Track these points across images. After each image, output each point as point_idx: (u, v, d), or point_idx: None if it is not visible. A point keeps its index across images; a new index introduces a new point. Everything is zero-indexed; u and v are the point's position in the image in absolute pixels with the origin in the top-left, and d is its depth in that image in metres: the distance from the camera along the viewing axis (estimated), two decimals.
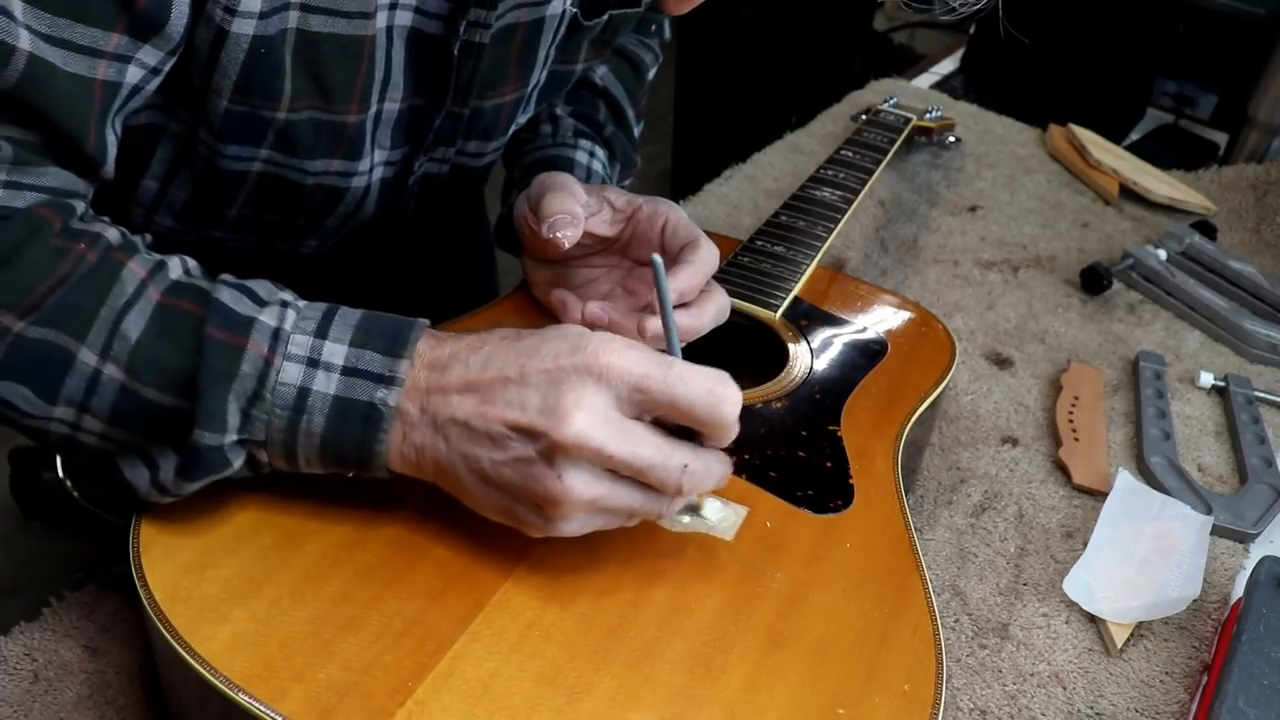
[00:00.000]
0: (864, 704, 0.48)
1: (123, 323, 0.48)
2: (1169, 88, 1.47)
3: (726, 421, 0.50)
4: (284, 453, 0.50)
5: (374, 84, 0.62)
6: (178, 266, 0.52)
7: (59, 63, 0.47)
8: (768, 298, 0.76)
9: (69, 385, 0.48)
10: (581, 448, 0.47)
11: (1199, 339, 0.98)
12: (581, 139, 0.81)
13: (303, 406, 0.49)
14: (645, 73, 0.89)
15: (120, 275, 0.49)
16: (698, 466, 0.50)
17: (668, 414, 0.50)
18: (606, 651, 0.49)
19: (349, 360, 0.49)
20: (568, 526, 0.50)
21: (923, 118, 1.19)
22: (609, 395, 0.48)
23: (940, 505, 0.75)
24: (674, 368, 0.49)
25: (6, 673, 0.55)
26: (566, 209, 0.66)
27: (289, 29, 0.56)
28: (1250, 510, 0.76)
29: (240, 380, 0.48)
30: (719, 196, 1.13)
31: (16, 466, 1.65)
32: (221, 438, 0.48)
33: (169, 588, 0.48)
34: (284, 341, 0.49)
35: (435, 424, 0.49)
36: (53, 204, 0.49)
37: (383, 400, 0.49)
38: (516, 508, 0.50)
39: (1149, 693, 0.63)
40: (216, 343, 0.48)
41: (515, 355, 0.49)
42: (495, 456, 0.49)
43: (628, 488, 0.49)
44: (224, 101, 0.58)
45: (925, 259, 1.05)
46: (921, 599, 0.54)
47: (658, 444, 0.49)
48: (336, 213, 0.70)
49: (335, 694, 0.45)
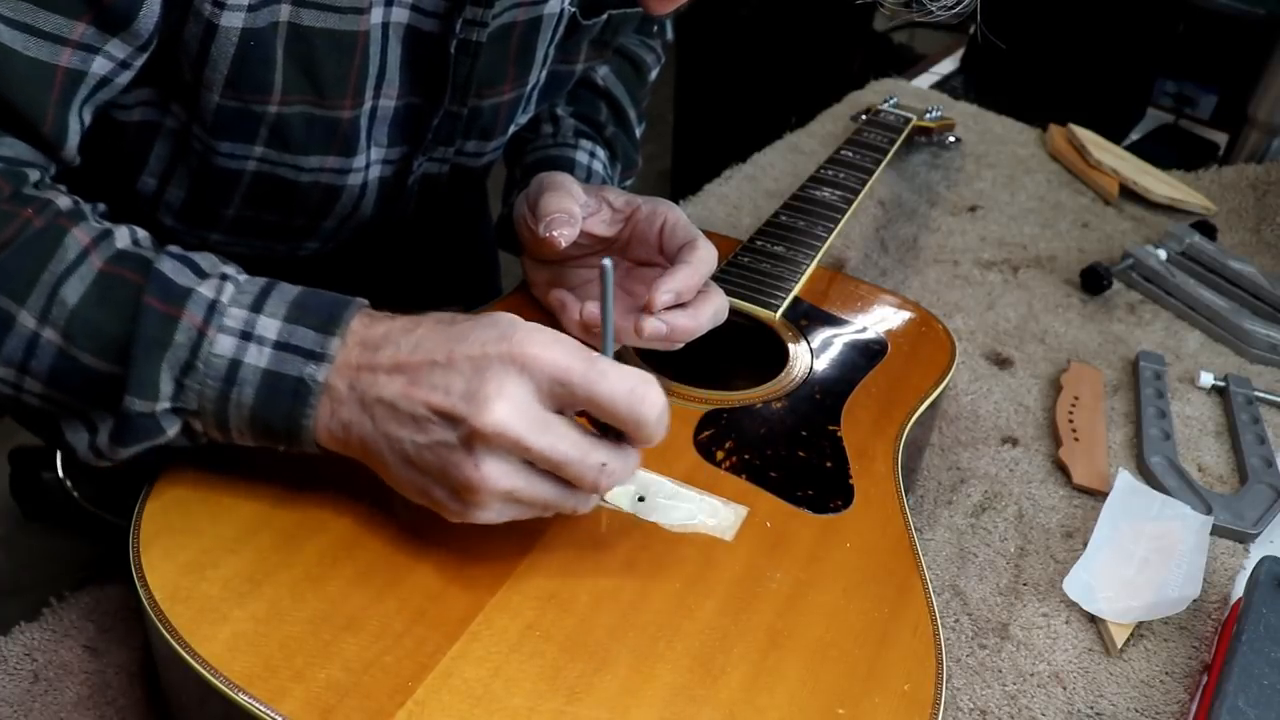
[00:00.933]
0: (864, 704, 0.48)
1: (62, 288, 0.49)
2: (1169, 88, 1.47)
3: (646, 420, 0.49)
4: (216, 423, 0.51)
5: (368, 80, 0.62)
6: (125, 236, 0.52)
7: (18, 47, 0.48)
8: (768, 298, 0.76)
9: (9, 346, 0.49)
10: (500, 436, 0.47)
11: (1199, 339, 0.98)
12: (582, 139, 0.81)
13: (234, 378, 0.49)
14: (647, 73, 0.89)
15: (64, 241, 0.50)
16: (616, 465, 0.50)
17: (589, 409, 0.50)
18: (606, 652, 0.49)
19: (281, 335, 0.50)
20: (483, 515, 0.50)
21: (923, 118, 1.19)
22: (530, 386, 0.48)
23: (940, 505, 0.75)
24: (597, 364, 0.49)
25: (6, 673, 0.55)
26: (564, 208, 0.66)
27: (280, 22, 0.56)
28: (1250, 510, 0.76)
29: (174, 350, 0.49)
30: (719, 196, 1.13)
31: (16, 466, 1.65)
32: (153, 405, 0.49)
33: (169, 588, 0.48)
34: (219, 313, 0.50)
35: (363, 402, 0.49)
36: (4, 171, 0.50)
37: (311, 376, 0.49)
38: (435, 491, 0.50)
39: (1149, 693, 0.63)
40: (152, 311, 0.49)
41: (445, 339, 0.49)
42: (417, 439, 0.49)
43: (545, 481, 0.49)
44: (215, 97, 0.58)
45: (925, 259, 1.05)
46: (921, 599, 0.54)
47: (576, 440, 0.49)
48: (334, 213, 0.70)
49: (335, 694, 0.45)
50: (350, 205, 0.70)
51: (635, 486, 0.58)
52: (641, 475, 0.59)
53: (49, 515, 1.66)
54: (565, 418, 0.49)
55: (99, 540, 0.91)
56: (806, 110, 1.32)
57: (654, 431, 0.50)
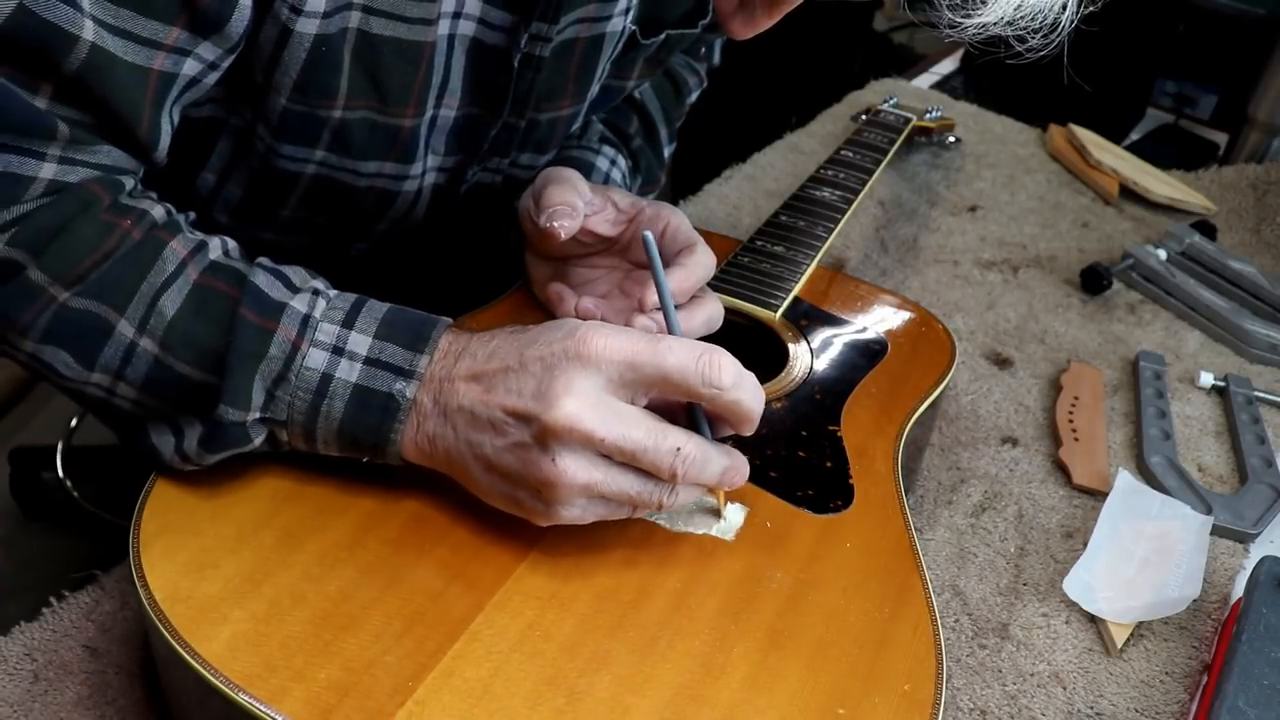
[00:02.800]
0: (864, 704, 0.48)
1: (161, 299, 0.50)
2: (1169, 88, 1.47)
3: (721, 384, 0.50)
4: (304, 433, 0.52)
5: (431, 89, 0.62)
6: (218, 247, 0.54)
7: (119, 52, 0.49)
8: (768, 298, 0.76)
9: (106, 354, 0.50)
10: (571, 430, 0.48)
11: (1199, 339, 0.98)
12: (606, 145, 0.81)
13: (325, 391, 0.51)
14: (686, 94, 0.89)
15: (162, 254, 0.51)
16: (692, 450, 0.50)
17: (662, 389, 0.50)
18: (607, 651, 0.49)
19: (372, 351, 0.52)
20: (568, 513, 0.50)
21: (923, 118, 1.19)
22: (599, 379, 0.49)
23: (940, 505, 0.75)
24: (663, 341, 0.50)
25: (6, 673, 0.55)
26: (566, 200, 0.66)
27: (350, 28, 0.57)
28: (1250, 510, 0.76)
29: (268, 362, 0.51)
30: (719, 196, 1.13)
31: (16, 466, 1.65)
32: (245, 414, 0.51)
33: (169, 588, 0.48)
34: (312, 328, 0.52)
35: (445, 413, 0.51)
36: (103, 180, 0.51)
37: (400, 392, 0.51)
38: (519, 494, 0.51)
39: (1149, 693, 0.63)
40: (248, 324, 0.51)
41: (516, 345, 0.51)
42: (496, 443, 0.50)
43: (624, 473, 0.50)
44: (283, 100, 0.59)
45: (925, 259, 1.05)
46: (921, 599, 0.54)
47: (649, 426, 0.49)
48: (387, 217, 0.70)
49: (335, 694, 0.45)
50: (404, 210, 0.70)
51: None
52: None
53: (49, 515, 1.66)
54: (638, 408, 0.50)
55: (99, 540, 0.91)
56: (806, 110, 1.32)
57: (736, 396, 0.50)
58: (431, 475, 0.56)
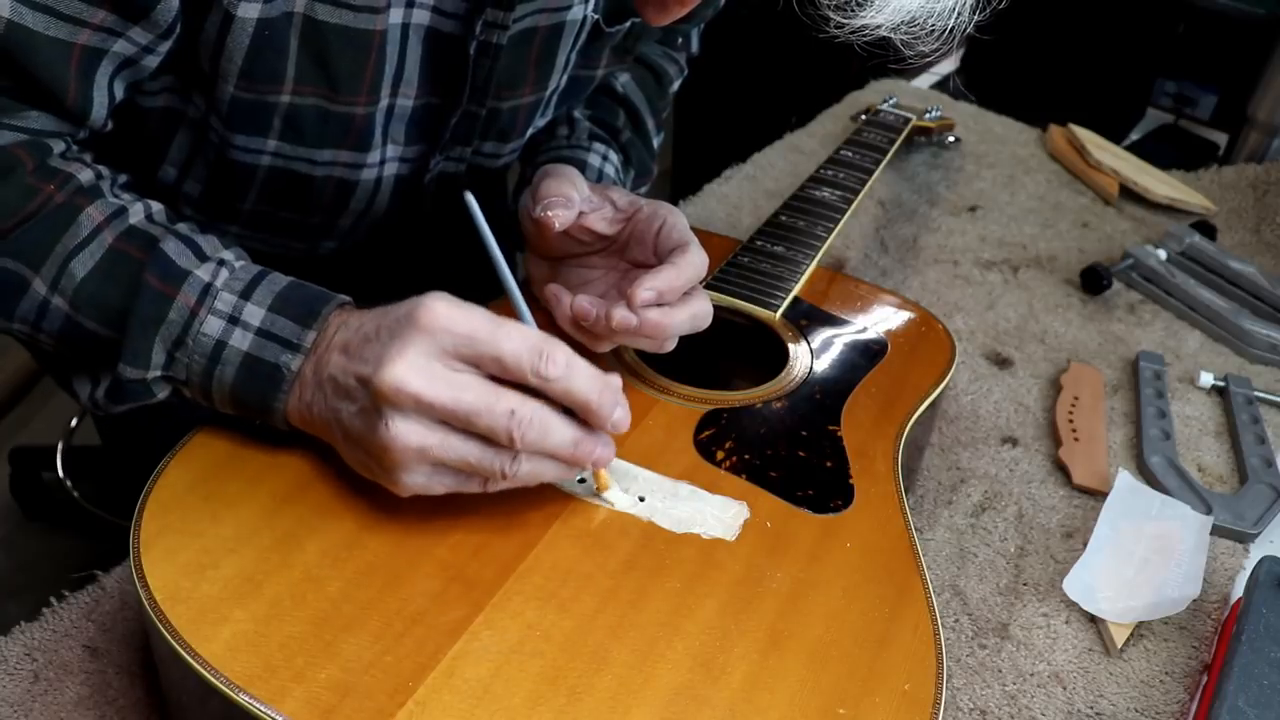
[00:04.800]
0: (864, 704, 0.48)
1: (72, 262, 0.54)
2: (1169, 88, 1.47)
3: (549, 375, 0.51)
4: (202, 393, 0.56)
5: (384, 78, 0.63)
6: (139, 212, 0.57)
7: (38, 27, 0.52)
8: (768, 298, 0.76)
9: (23, 307, 0.55)
10: (398, 392, 0.49)
11: (1199, 339, 0.98)
12: (596, 142, 0.81)
13: (218, 357, 0.54)
14: (668, 84, 0.89)
15: (78, 219, 0.55)
16: (528, 413, 0.50)
17: (497, 370, 0.51)
18: (607, 652, 0.49)
19: (264, 323, 0.54)
20: (411, 479, 0.51)
21: (922, 118, 1.19)
22: (434, 346, 0.50)
23: (940, 505, 0.75)
24: (505, 325, 0.51)
25: (6, 673, 0.55)
26: (562, 192, 0.66)
27: (295, 13, 0.58)
28: (1250, 510, 0.76)
29: (167, 326, 0.54)
30: (719, 196, 1.13)
31: (16, 466, 1.65)
32: (144, 373, 0.55)
33: (169, 588, 0.48)
34: (212, 296, 0.55)
35: (319, 383, 0.54)
36: (29, 144, 0.55)
37: (286, 364, 0.54)
38: (369, 461, 0.52)
39: (1149, 693, 0.63)
40: (151, 289, 0.54)
41: (377, 316, 0.53)
42: (349, 409, 0.52)
43: (463, 440, 0.51)
44: (230, 88, 0.59)
45: (925, 259, 1.05)
46: (921, 599, 0.54)
47: (482, 389, 0.50)
48: (349, 209, 0.70)
49: (336, 694, 0.45)
50: (365, 201, 0.70)
51: (636, 487, 0.58)
52: (642, 475, 0.59)
53: (49, 515, 1.66)
54: (474, 375, 0.51)
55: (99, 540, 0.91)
56: (806, 110, 1.32)
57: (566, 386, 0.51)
58: None
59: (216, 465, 0.55)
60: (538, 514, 0.56)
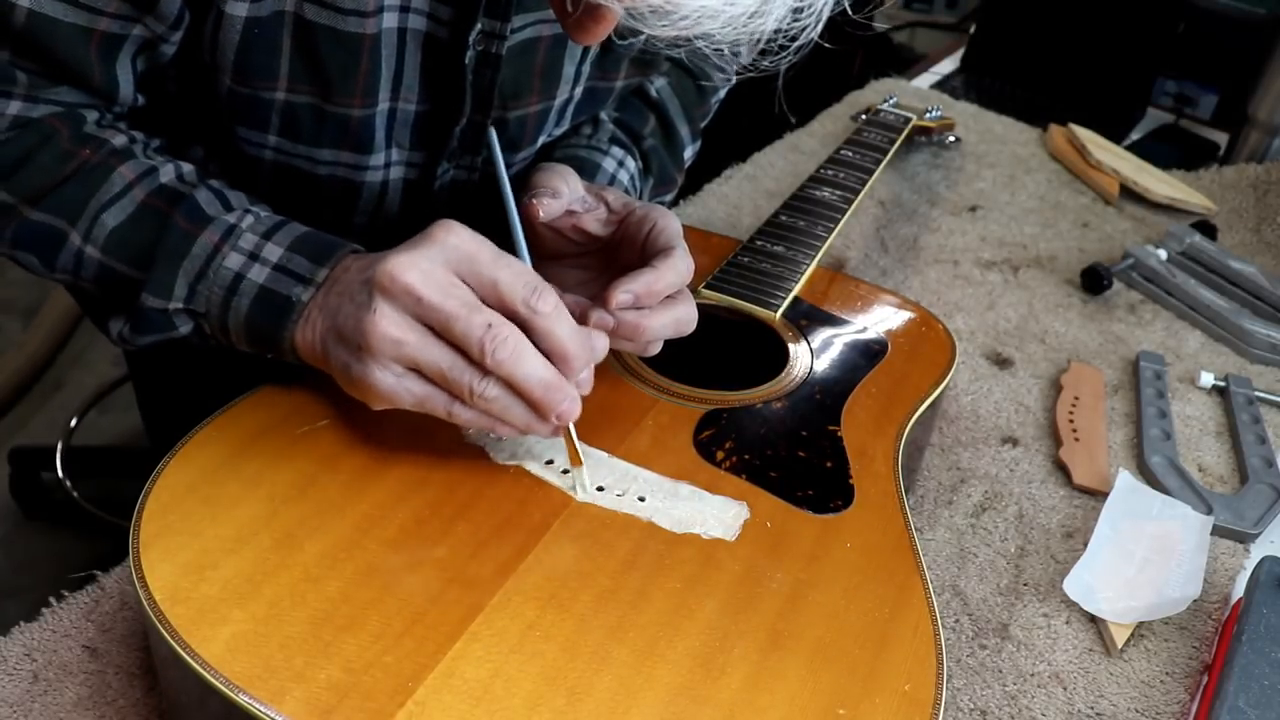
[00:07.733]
0: (864, 704, 0.48)
1: (104, 214, 0.59)
2: (1169, 88, 1.47)
3: (539, 309, 0.53)
4: (219, 326, 0.59)
5: (380, 81, 0.63)
6: (170, 172, 0.61)
7: (59, 15, 0.55)
8: (768, 298, 0.76)
9: (63, 258, 0.60)
10: (394, 281, 0.52)
11: (1199, 339, 0.98)
12: (615, 146, 0.80)
13: (236, 289, 0.58)
14: (710, 93, 0.87)
15: (110, 177, 0.59)
16: (505, 331, 0.52)
17: (490, 294, 0.53)
18: (607, 652, 0.49)
19: (281, 260, 0.58)
20: (380, 375, 0.53)
21: (923, 117, 1.19)
22: (439, 255, 0.53)
23: (940, 505, 0.75)
24: (507, 257, 0.54)
25: (6, 673, 0.55)
26: (551, 184, 0.67)
27: (285, 12, 0.59)
28: (1250, 510, 0.76)
29: (190, 259, 0.58)
30: (719, 196, 1.13)
31: (16, 466, 1.65)
32: (166, 303, 0.58)
33: (169, 588, 0.48)
34: (236, 236, 0.58)
35: (324, 307, 0.56)
36: (64, 115, 0.60)
37: (298, 296, 0.57)
38: (348, 359, 0.54)
39: (1149, 693, 0.63)
40: (178, 229, 0.58)
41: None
42: (347, 307, 0.54)
43: (438, 344, 0.52)
44: (227, 81, 0.61)
45: (925, 259, 1.05)
46: (921, 599, 0.54)
47: (467, 300, 0.52)
48: (359, 209, 0.71)
49: (335, 694, 0.45)
50: (373, 203, 0.71)
51: (636, 487, 0.58)
52: (642, 475, 0.59)
53: (49, 515, 1.66)
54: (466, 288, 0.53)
55: (99, 540, 0.90)
56: (806, 110, 1.32)
57: (549, 325, 0.53)
58: (431, 475, 0.56)
59: (216, 466, 0.55)
60: (537, 514, 0.56)
